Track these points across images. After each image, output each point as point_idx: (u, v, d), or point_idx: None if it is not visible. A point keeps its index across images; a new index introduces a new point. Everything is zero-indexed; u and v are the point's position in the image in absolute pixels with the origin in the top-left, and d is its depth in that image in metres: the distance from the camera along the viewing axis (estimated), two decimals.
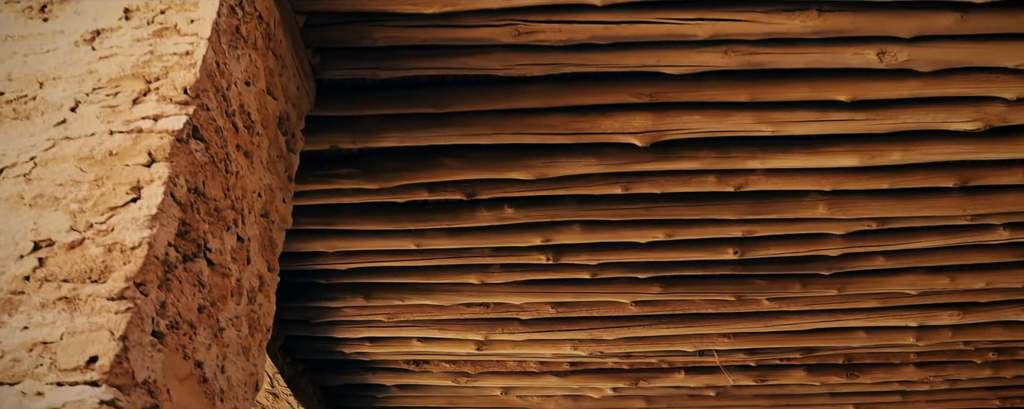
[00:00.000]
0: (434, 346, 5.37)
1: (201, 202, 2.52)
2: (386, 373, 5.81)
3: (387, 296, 4.95)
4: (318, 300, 4.99)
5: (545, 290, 4.88)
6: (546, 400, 6.11)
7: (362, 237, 4.51)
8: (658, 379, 5.79)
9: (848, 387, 5.92)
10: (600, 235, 4.42)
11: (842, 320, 5.09)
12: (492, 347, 5.35)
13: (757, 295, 4.86)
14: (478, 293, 4.90)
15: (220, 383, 2.58)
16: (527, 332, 5.19)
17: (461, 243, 4.50)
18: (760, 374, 5.76)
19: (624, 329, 5.16)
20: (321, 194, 4.22)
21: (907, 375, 5.72)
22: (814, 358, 5.56)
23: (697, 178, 4.09)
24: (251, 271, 2.88)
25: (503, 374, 5.78)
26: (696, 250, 4.55)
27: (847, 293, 4.84)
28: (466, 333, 5.21)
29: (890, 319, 5.07)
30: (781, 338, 5.27)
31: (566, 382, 5.79)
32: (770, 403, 6.11)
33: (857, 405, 6.16)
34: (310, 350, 5.49)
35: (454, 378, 5.80)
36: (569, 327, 5.18)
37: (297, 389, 5.54)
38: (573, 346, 5.31)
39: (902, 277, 4.77)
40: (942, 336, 5.23)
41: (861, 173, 4.07)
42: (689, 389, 5.97)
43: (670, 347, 5.33)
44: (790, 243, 4.53)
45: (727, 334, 5.24)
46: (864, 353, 5.55)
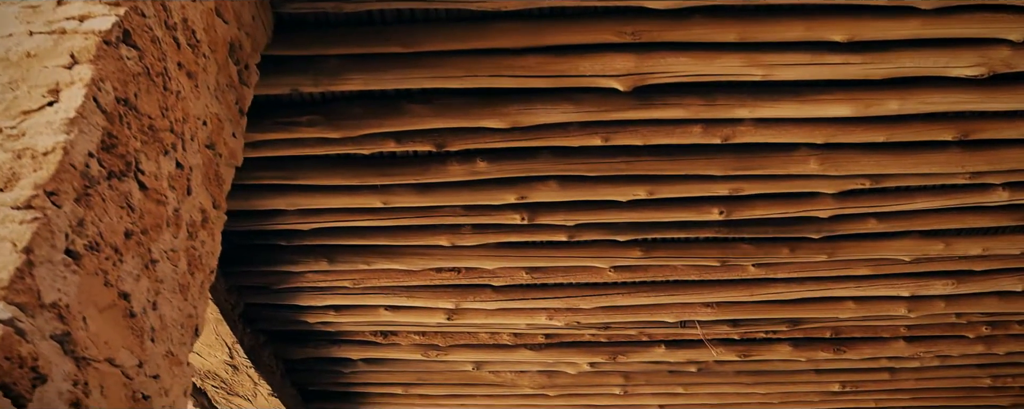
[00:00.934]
0: (402, 315, 5.10)
1: (132, 116, 2.25)
2: (352, 346, 5.53)
3: (352, 260, 4.68)
4: (280, 264, 4.71)
5: (519, 254, 4.62)
6: (520, 376, 5.85)
7: (325, 193, 4.24)
8: (637, 353, 5.54)
9: (835, 363, 5.69)
10: (578, 192, 4.17)
11: (831, 289, 4.85)
12: (463, 316, 5.08)
13: (743, 260, 4.61)
14: (449, 257, 4.64)
15: (151, 320, 2.31)
16: (500, 300, 4.92)
17: (430, 200, 4.23)
18: (744, 349, 5.52)
19: (602, 297, 4.90)
20: (282, 145, 3.95)
21: (896, 350, 5.50)
22: (801, 331, 5.33)
23: (681, 128, 3.84)
24: (192, 203, 2.61)
25: (475, 347, 5.52)
26: (679, 209, 4.30)
27: (837, 259, 4.61)
28: (436, 301, 4.94)
29: (881, 288, 4.84)
30: (767, 308, 5.04)
31: (541, 356, 5.53)
32: (753, 380, 5.88)
33: (843, 383, 5.93)
34: (272, 319, 5.22)
35: (424, 351, 5.53)
36: (544, 295, 4.92)
37: (258, 361, 5.26)
38: (548, 316, 5.05)
39: (895, 242, 4.54)
40: (935, 307, 5.01)
41: (855, 124, 3.83)
42: (669, 364, 5.72)
43: (650, 317, 5.08)
44: (779, 202, 4.29)
45: (710, 303, 4.99)
46: (853, 326, 5.32)
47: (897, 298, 4.97)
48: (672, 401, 6.19)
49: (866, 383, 5.95)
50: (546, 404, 6.26)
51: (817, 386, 5.97)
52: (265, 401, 5.59)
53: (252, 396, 5.55)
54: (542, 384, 5.90)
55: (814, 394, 6.11)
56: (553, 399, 6.16)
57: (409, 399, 6.20)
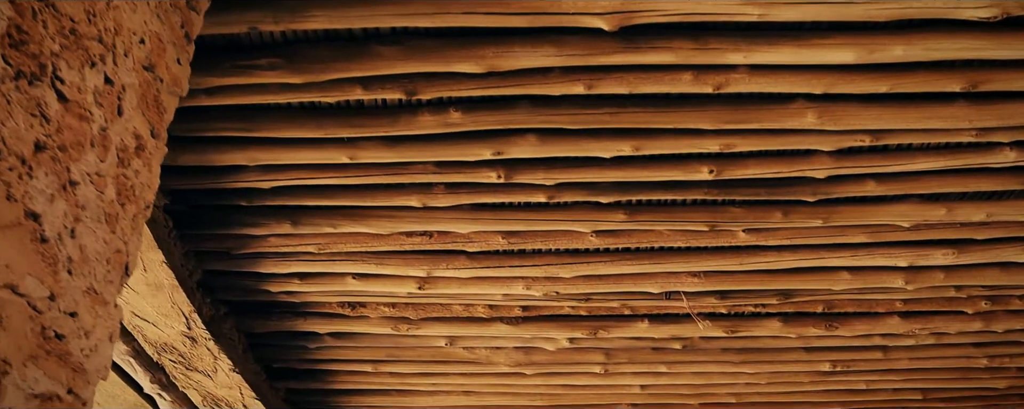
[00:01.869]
0: (371, 284, 4.81)
1: (50, 14, 1.96)
2: (318, 318, 5.24)
3: (317, 222, 4.39)
4: (240, 226, 4.42)
5: (495, 216, 4.34)
6: (495, 353, 5.58)
7: (288, 147, 3.95)
8: (619, 328, 5.27)
9: (826, 340, 5.44)
10: (559, 147, 3.89)
11: (825, 258, 4.59)
12: (435, 285, 4.80)
13: (732, 225, 4.35)
14: (420, 219, 4.35)
15: (68, 249, 2.02)
16: (474, 268, 4.64)
17: (401, 155, 3.95)
18: (731, 324, 5.27)
19: (583, 265, 4.63)
20: (240, 91, 3.66)
21: (891, 327, 5.26)
22: (791, 305, 5.07)
23: (671, 75, 3.57)
24: (124, 126, 2.31)
25: (448, 321, 5.24)
26: (667, 167, 4.03)
27: (833, 224, 4.35)
28: (407, 268, 4.65)
29: (878, 258, 4.59)
30: (757, 278, 4.77)
31: (517, 331, 5.25)
32: (740, 358, 5.62)
33: (834, 362, 5.68)
34: (233, 289, 4.92)
35: (394, 325, 5.24)
36: (521, 262, 4.64)
37: (218, 334, 4.96)
38: (526, 285, 4.77)
39: (894, 206, 4.28)
40: (933, 278, 4.76)
41: (857, 72, 3.56)
42: (652, 341, 5.46)
43: (634, 287, 4.81)
44: (773, 161, 4.02)
45: (697, 273, 4.73)
46: (846, 300, 5.06)
47: (894, 268, 4.72)
48: (654, 381, 5.94)
49: (858, 362, 5.70)
50: (522, 384, 5.99)
51: (807, 365, 5.72)
52: (226, 377, 5.30)
53: (212, 371, 5.26)
54: (519, 361, 5.63)
55: (803, 374, 5.87)
56: (530, 378, 5.89)
57: (379, 377, 5.92)
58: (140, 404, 5.69)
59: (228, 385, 5.41)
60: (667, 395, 6.21)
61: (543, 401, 6.27)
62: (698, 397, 6.25)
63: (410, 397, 6.25)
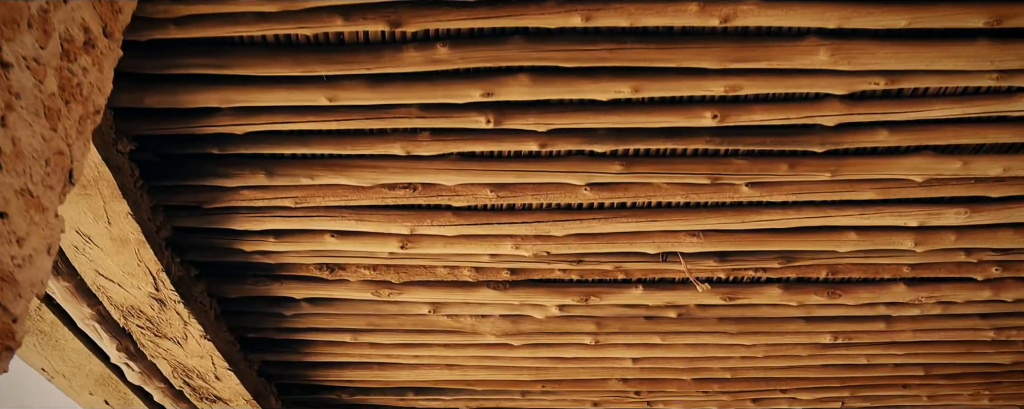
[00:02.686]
0: (351, 243, 4.54)
1: None
2: (294, 282, 4.97)
3: (294, 173, 4.12)
4: (211, 177, 4.15)
5: (484, 167, 4.08)
6: (481, 321, 5.32)
7: (264, 87, 3.69)
8: (612, 294, 5.02)
9: (828, 310, 5.21)
10: (553, 88, 3.64)
11: (832, 216, 4.35)
12: (419, 244, 4.54)
13: (735, 178, 4.10)
14: (403, 169, 4.09)
15: None
16: (461, 225, 4.38)
17: (383, 97, 3.69)
18: (730, 291, 5.02)
19: (576, 222, 4.38)
20: (212, 21, 3.40)
21: (896, 295, 5.02)
22: (794, 269, 4.83)
23: (674, 6, 3.32)
24: (70, 15, 2.05)
25: (432, 285, 4.98)
26: (667, 111, 3.78)
27: (841, 178, 4.11)
28: (389, 225, 4.39)
29: (887, 216, 4.35)
30: (759, 238, 4.52)
31: (505, 297, 5.00)
32: (737, 329, 5.38)
33: (835, 334, 5.45)
34: (204, 248, 4.64)
35: (375, 290, 4.98)
36: (511, 219, 4.39)
37: (188, 297, 4.69)
38: (515, 244, 4.51)
39: (907, 159, 4.05)
40: (944, 240, 4.53)
41: (874, 4, 3.33)
42: (646, 308, 5.21)
43: (629, 247, 4.55)
44: (780, 106, 3.78)
45: (696, 232, 4.48)
46: (851, 264, 4.82)
47: (904, 228, 4.49)
48: (647, 354, 5.69)
49: (859, 334, 5.47)
50: (509, 356, 5.73)
51: (806, 337, 5.48)
52: (197, 345, 5.03)
53: (182, 339, 4.98)
54: (505, 331, 5.37)
55: (802, 346, 5.63)
56: (517, 349, 5.63)
57: (358, 348, 5.65)
58: (107, 376, 5.42)
59: (199, 354, 5.14)
60: (660, 369, 5.96)
61: (529, 375, 6.02)
62: (692, 372, 6.01)
63: (391, 370, 5.99)
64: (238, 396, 5.69)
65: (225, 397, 5.70)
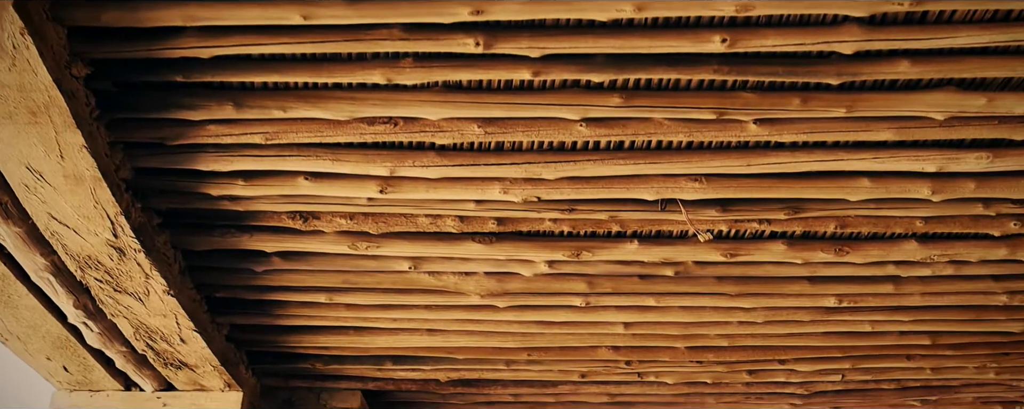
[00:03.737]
0: (326, 186, 4.24)
1: None
2: (265, 234, 4.67)
3: (265, 104, 3.83)
4: (175, 109, 3.84)
5: (471, 99, 3.79)
6: (465, 279, 5.03)
7: (232, 2, 3.38)
8: (605, 249, 4.75)
9: (834, 269, 4.95)
10: (548, 6, 3.36)
11: (844, 159, 4.08)
12: (400, 188, 4.24)
13: (743, 114, 3.83)
14: (384, 101, 3.80)
15: None
16: (445, 165, 4.09)
17: (363, 15, 3.39)
18: (731, 247, 4.76)
19: (569, 164, 4.09)
20: None
21: (907, 252, 4.78)
22: (800, 222, 4.56)
23: None
24: None
25: (412, 237, 4.69)
26: (673, 35, 3.49)
27: (857, 115, 3.84)
28: (367, 165, 4.10)
29: (903, 161, 4.09)
30: (766, 184, 4.24)
31: (491, 251, 4.71)
32: (737, 290, 5.12)
33: (840, 297, 5.19)
34: (167, 193, 4.33)
35: (351, 242, 4.68)
36: (499, 159, 4.10)
37: (150, 246, 4.38)
38: (503, 188, 4.23)
39: (928, 94, 3.78)
40: (963, 188, 4.27)
41: None
42: (641, 266, 4.93)
43: (625, 193, 4.27)
44: (795, 31, 3.50)
45: (698, 176, 4.21)
46: (861, 217, 4.56)
47: (920, 175, 4.23)
48: (640, 318, 5.43)
49: (866, 297, 5.22)
50: (493, 319, 5.46)
51: (810, 300, 5.23)
52: (160, 302, 4.72)
53: (144, 294, 4.68)
54: (490, 290, 5.09)
55: (804, 311, 5.38)
56: (502, 311, 5.35)
57: (334, 310, 5.36)
58: (65, 338, 5.13)
59: (162, 312, 4.83)
60: (653, 336, 5.70)
61: (515, 342, 5.74)
62: (686, 339, 5.75)
63: (368, 336, 5.70)
64: (205, 361, 5.40)
65: (191, 362, 5.41)
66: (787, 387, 6.54)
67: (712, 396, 6.69)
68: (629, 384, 6.48)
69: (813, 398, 6.73)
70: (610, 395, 6.65)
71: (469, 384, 6.44)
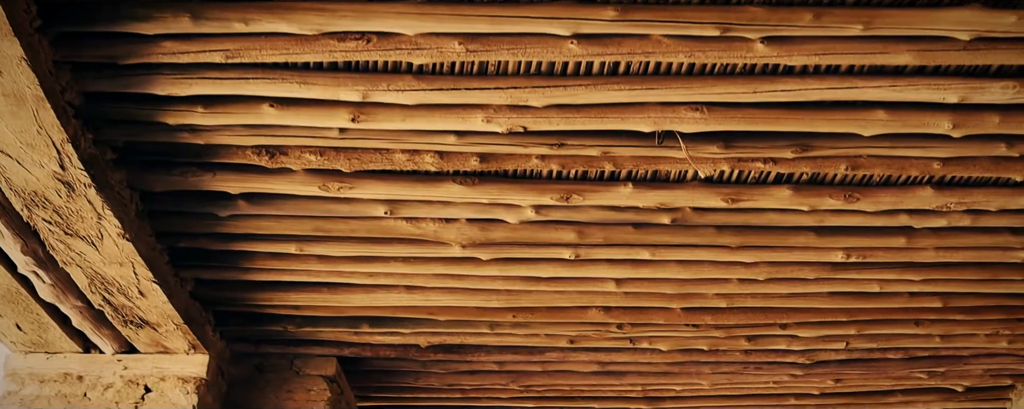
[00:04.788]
0: (293, 115, 3.92)
1: None
2: (229, 172, 4.35)
3: (225, 16, 3.48)
4: (127, 21, 3.50)
5: (451, 11, 3.45)
6: (445, 227, 4.72)
7: None
8: (596, 192, 4.44)
9: (842, 218, 4.65)
10: None
11: (859, 87, 3.77)
12: (373, 117, 3.91)
13: (749, 31, 3.51)
14: (356, 13, 3.47)
15: None
16: (423, 90, 3.76)
17: None
18: (734, 192, 4.46)
19: (559, 89, 3.77)
20: None
21: (922, 200, 4.50)
22: (809, 162, 4.24)
23: None
24: None
25: (388, 177, 4.38)
26: None
27: (874, 33, 3.52)
28: (337, 89, 3.77)
29: (923, 90, 3.78)
30: (773, 115, 3.92)
31: (473, 193, 4.40)
32: (738, 241, 4.81)
33: (848, 252, 4.89)
34: (120, 122, 3.99)
35: (322, 182, 4.36)
36: (482, 83, 3.77)
37: (102, 182, 4.05)
38: (486, 117, 3.90)
39: (953, 11, 3.46)
40: (986, 122, 3.96)
41: None
42: (636, 212, 4.62)
43: (619, 124, 3.94)
44: None
45: (699, 105, 3.88)
46: (875, 157, 4.25)
47: (941, 106, 3.92)
48: (634, 273, 5.12)
49: (875, 252, 4.92)
50: (475, 274, 5.15)
51: (816, 254, 4.93)
52: (115, 246, 4.39)
53: (97, 237, 4.35)
54: (472, 239, 4.77)
55: (809, 268, 5.08)
56: (485, 266, 5.04)
57: (305, 263, 5.04)
58: (16, 290, 4.83)
59: (118, 259, 4.50)
60: (646, 295, 5.39)
61: (499, 301, 5.42)
62: (682, 299, 5.44)
63: (343, 294, 5.38)
64: (167, 318, 5.08)
65: (152, 320, 5.09)
66: (788, 356, 6.24)
67: (708, 365, 6.38)
68: (620, 351, 6.17)
69: (814, 369, 6.43)
70: (600, 363, 6.35)
71: (451, 350, 6.13)
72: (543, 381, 6.60)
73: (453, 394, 6.89)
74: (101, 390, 5.44)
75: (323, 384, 6.03)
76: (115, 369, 5.50)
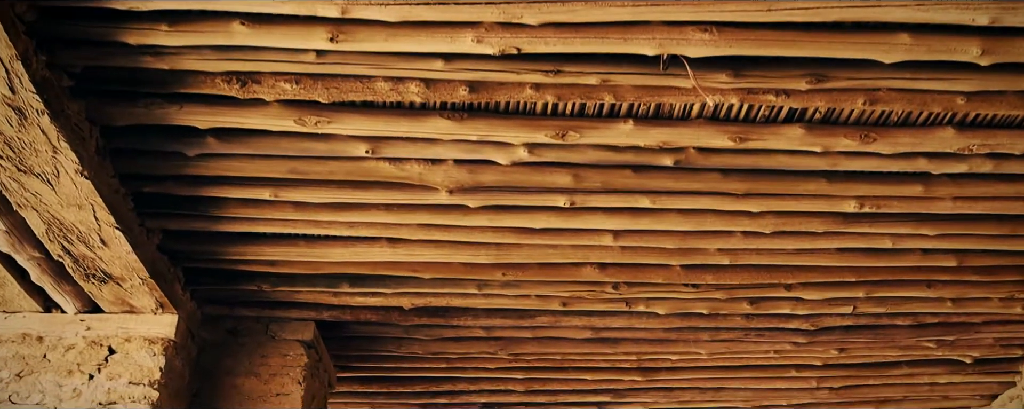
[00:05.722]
0: (267, 34, 3.60)
1: None
2: (197, 104, 4.04)
3: None
4: None
5: None
6: (431, 169, 4.42)
7: None
8: (595, 129, 4.15)
9: (856, 161, 4.38)
10: None
11: (883, 6, 3.44)
12: (354, 37, 3.60)
13: None
14: None
15: None
16: (407, 3, 3.45)
17: None
18: (742, 130, 4.18)
19: (556, 4, 3.43)
20: None
21: (942, 141, 4.24)
22: (824, 95, 3.95)
23: None
24: None
25: (370, 110, 4.08)
26: None
27: None
28: (314, 3, 3.44)
29: (951, 9, 3.44)
30: (787, 39, 3.60)
31: (461, 129, 4.11)
32: (745, 187, 4.54)
33: (861, 200, 4.62)
34: (77, 44, 3.67)
35: (298, 116, 4.06)
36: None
37: (57, 110, 3.74)
38: (476, 36, 3.58)
39: None
40: (1017, 49, 3.66)
41: None
42: (636, 153, 4.34)
43: (621, 46, 3.62)
44: None
45: (708, 25, 3.57)
46: (895, 91, 3.96)
47: (970, 29, 3.63)
48: (632, 224, 4.84)
49: (890, 201, 4.66)
50: (463, 225, 4.87)
51: (826, 203, 4.66)
52: (72, 185, 4.09)
53: (53, 174, 4.04)
54: (460, 183, 4.47)
55: (819, 219, 4.82)
56: (473, 215, 4.75)
57: (280, 209, 4.73)
58: None
59: (77, 201, 4.18)
60: (645, 250, 5.11)
61: (488, 256, 5.13)
62: (683, 254, 5.15)
63: (321, 247, 5.08)
64: (131, 272, 4.77)
65: (116, 273, 4.79)
66: (791, 321, 5.97)
67: (707, 331, 6.10)
68: (615, 315, 5.88)
69: (818, 336, 6.16)
70: (593, 329, 6.06)
71: (436, 313, 5.82)
72: (533, 349, 6.30)
73: (438, 364, 6.58)
74: (62, 351, 5.13)
75: (300, 349, 5.72)
76: (77, 329, 5.20)
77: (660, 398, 7.23)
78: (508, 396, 7.15)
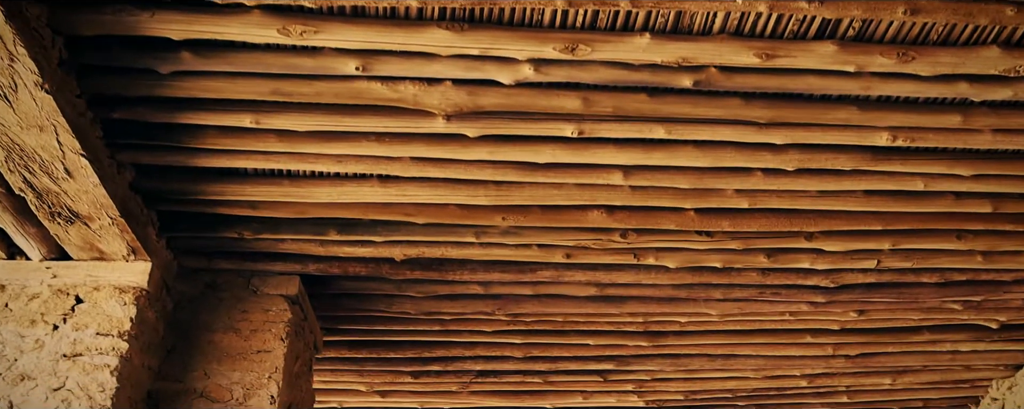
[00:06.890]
0: None
1: None
2: (170, 11, 3.69)
3: None
4: None
5: None
6: (427, 90, 4.08)
7: None
8: (608, 43, 3.81)
9: (891, 84, 4.05)
10: None
11: None
12: None
13: None
14: None
15: None
16: None
17: None
18: (768, 46, 3.85)
19: None
20: None
21: (985, 62, 3.93)
22: (861, 2, 3.63)
23: None
24: None
25: (360, 20, 3.74)
26: None
27: None
28: None
29: None
30: None
31: (461, 40, 3.77)
32: (769, 114, 4.22)
33: (894, 132, 4.31)
34: None
35: (282, 24, 3.71)
36: None
37: (12, 9, 3.40)
38: None
39: None
40: None
41: None
42: (652, 72, 3.98)
43: None
44: None
45: None
46: (937, 1, 3.65)
47: None
48: (644, 159, 4.51)
49: (925, 134, 4.34)
50: (462, 158, 4.52)
51: (856, 135, 4.35)
52: (32, 101, 3.75)
53: (10, 88, 3.70)
54: (458, 106, 4.13)
55: (847, 154, 4.51)
56: (472, 147, 4.41)
57: (262, 139, 4.38)
58: None
59: (38, 121, 3.84)
60: (656, 190, 4.76)
61: (488, 197, 4.78)
62: (698, 196, 4.81)
63: (306, 186, 4.74)
64: (100, 209, 4.43)
65: (83, 211, 4.45)
66: (810, 277, 5.62)
67: (719, 288, 5.75)
68: (622, 269, 5.53)
69: (838, 294, 5.82)
70: (598, 286, 5.71)
71: (430, 266, 5.46)
72: (533, 308, 5.94)
73: (431, 326, 6.23)
74: (25, 300, 4.79)
75: (284, 304, 5.37)
76: (42, 277, 4.86)
77: (666, 366, 6.88)
78: (505, 363, 6.80)
